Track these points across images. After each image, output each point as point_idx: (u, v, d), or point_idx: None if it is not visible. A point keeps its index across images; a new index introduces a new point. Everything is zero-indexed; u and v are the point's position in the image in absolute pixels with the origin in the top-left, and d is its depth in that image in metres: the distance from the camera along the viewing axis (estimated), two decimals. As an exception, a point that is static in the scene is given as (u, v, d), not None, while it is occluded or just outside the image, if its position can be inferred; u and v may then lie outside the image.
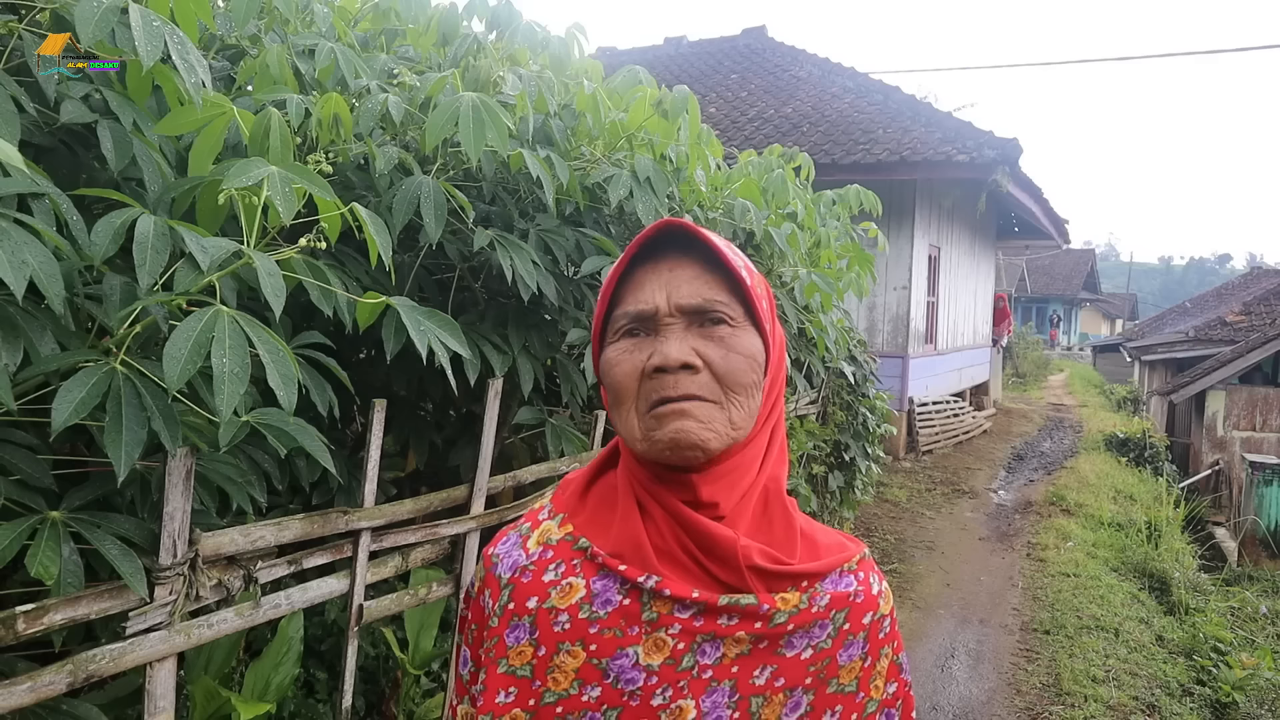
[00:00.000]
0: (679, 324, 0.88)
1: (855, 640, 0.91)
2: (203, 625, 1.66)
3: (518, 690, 0.86)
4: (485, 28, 2.78)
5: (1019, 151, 9.84)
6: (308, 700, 2.70)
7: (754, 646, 0.86)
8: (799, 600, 0.88)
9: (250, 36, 2.41)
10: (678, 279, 0.88)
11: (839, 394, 5.77)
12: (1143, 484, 11.34)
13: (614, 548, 0.89)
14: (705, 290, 0.88)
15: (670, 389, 0.85)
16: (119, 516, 1.53)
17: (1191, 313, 25.10)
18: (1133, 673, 5.06)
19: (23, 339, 1.32)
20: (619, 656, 0.85)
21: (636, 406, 0.88)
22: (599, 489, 0.96)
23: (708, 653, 0.85)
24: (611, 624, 0.86)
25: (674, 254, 0.90)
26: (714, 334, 0.88)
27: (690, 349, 0.86)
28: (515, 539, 0.97)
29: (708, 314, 0.88)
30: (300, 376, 1.45)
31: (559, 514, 0.97)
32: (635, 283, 0.90)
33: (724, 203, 3.30)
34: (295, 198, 1.50)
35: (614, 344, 0.91)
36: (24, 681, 1.36)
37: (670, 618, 0.85)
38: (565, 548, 0.92)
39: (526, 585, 0.91)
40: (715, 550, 0.86)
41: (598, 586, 0.88)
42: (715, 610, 0.85)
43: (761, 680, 0.86)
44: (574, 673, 0.85)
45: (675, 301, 0.87)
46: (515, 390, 2.66)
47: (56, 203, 1.38)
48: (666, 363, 0.85)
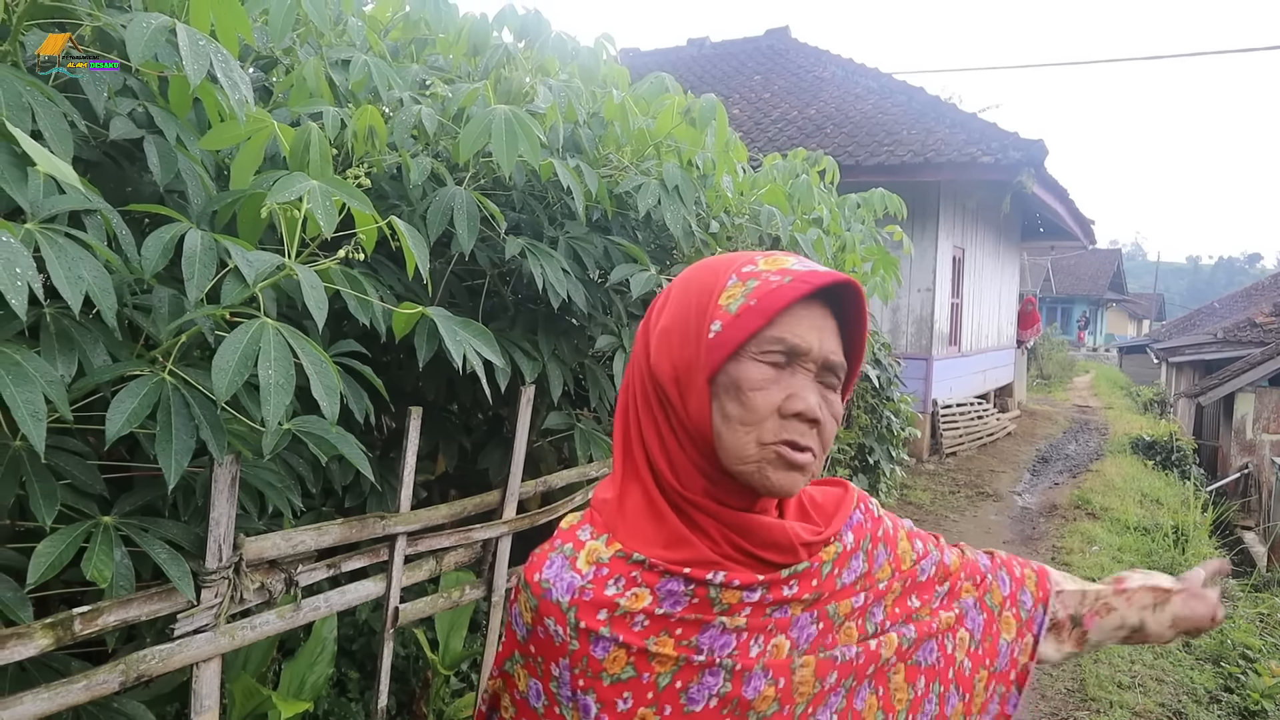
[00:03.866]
0: (813, 374, 0.92)
1: (879, 550, 1.06)
2: (246, 627, 1.70)
3: (631, 693, 0.90)
4: (515, 38, 2.81)
5: (1044, 153, 9.78)
6: (340, 699, 2.76)
7: (815, 600, 0.97)
8: (835, 549, 1.01)
9: (284, 49, 2.47)
10: (827, 330, 0.93)
11: (863, 397, 5.78)
12: (1169, 487, 11.22)
13: (672, 555, 0.92)
14: (839, 352, 0.94)
15: (800, 436, 0.90)
16: (167, 521, 1.58)
17: (1220, 313, 24.81)
18: (1159, 679, 5.03)
19: (77, 350, 1.37)
20: (705, 630, 0.91)
21: (759, 435, 0.90)
22: (632, 505, 0.97)
23: (780, 613, 0.95)
24: (689, 614, 0.91)
25: (822, 302, 0.93)
26: (829, 395, 0.94)
27: (821, 405, 0.92)
28: (561, 561, 0.96)
29: (833, 375, 0.94)
30: (341, 386, 1.49)
31: (602, 534, 0.97)
32: (792, 314, 0.91)
33: (750, 208, 3.32)
34: (335, 211, 1.54)
35: (758, 364, 0.91)
36: (80, 680, 1.41)
37: (740, 604, 0.92)
38: (620, 564, 0.93)
39: (590, 602, 0.91)
40: (775, 543, 0.94)
41: (664, 591, 0.91)
42: (779, 583, 0.94)
43: (830, 610, 0.99)
44: (674, 653, 0.90)
45: (824, 353, 0.92)
46: (544, 395, 2.70)
47: (107, 218, 1.43)
48: (809, 412, 0.90)
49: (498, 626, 2.52)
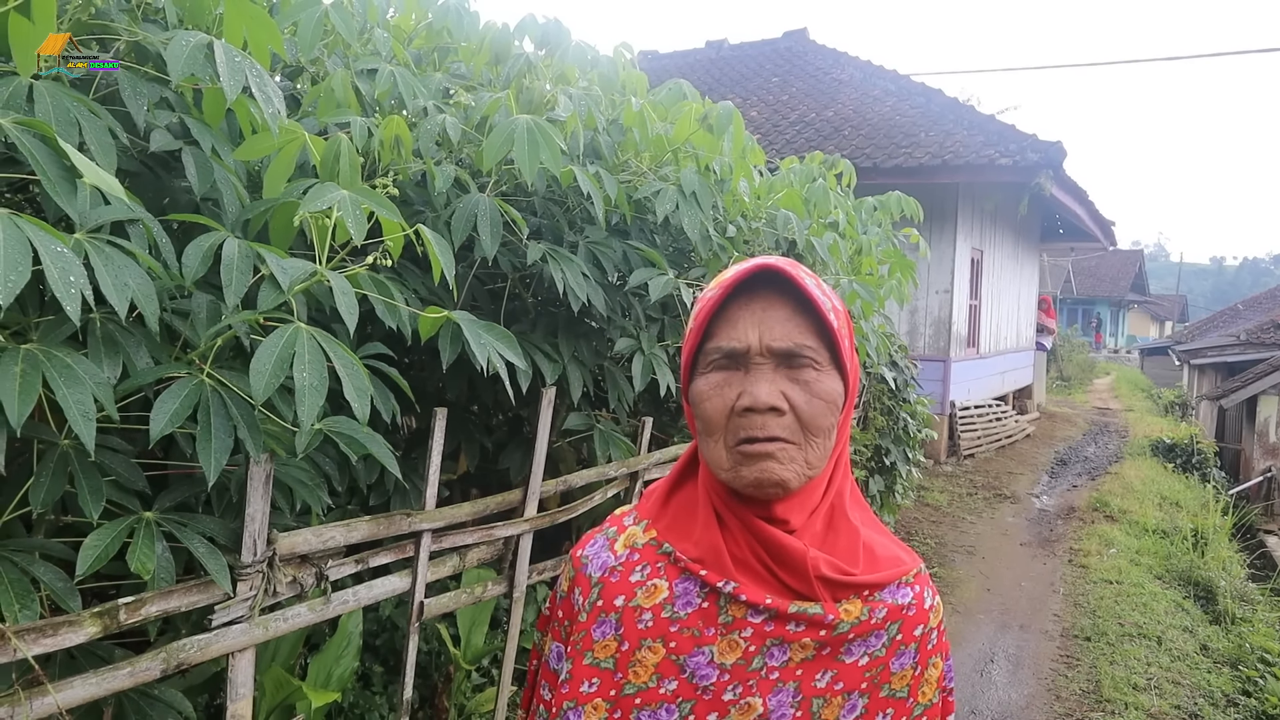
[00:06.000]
0: (768, 364, 0.92)
1: (907, 650, 0.98)
2: (279, 619, 1.77)
3: (600, 681, 0.95)
4: (535, 46, 2.87)
5: (1062, 155, 9.76)
6: (365, 692, 2.82)
7: (818, 652, 0.93)
8: (860, 611, 0.95)
9: (311, 60, 2.54)
10: (770, 319, 0.92)
11: (880, 399, 5.81)
12: (1189, 490, 11.16)
13: (695, 553, 0.96)
14: (795, 334, 0.92)
15: (757, 429, 0.90)
16: (204, 517, 1.65)
17: (1244, 315, 24.54)
18: (1175, 681, 5.03)
19: (122, 354, 1.44)
20: (696, 654, 0.93)
21: (724, 440, 0.93)
22: (680, 498, 1.03)
23: (775, 655, 0.93)
24: (690, 624, 0.94)
25: (768, 292, 0.93)
26: (800, 377, 0.92)
27: (778, 392, 0.91)
28: (603, 541, 1.05)
29: (796, 357, 0.92)
30: (371, 388, 1.55)
31: (643, 520, 1.04)
32: (729, 318, 0.93)
33: (767, 213, 3.36)
34: (365, 219, 1.61)
35: (705, 376, 0.95)
36: (125, 667, 1.48)
37: (744, 621, 0.93)
38: (650, 551, 1.00)
39: (615, 584, 0.99)
40: (788, 561, 0.93)
41: (679, 589, 0.96)
42: (785, 617, 0.93)
43: (823, 684, 0.93)
44: (653, 667, 0.93)
45: (767, 343, 0.91)
46: (564, 396, 2.75)
47: (149, 227, 1.50)
48: (756, 405, 0.90)
49: (519, 622, 2.58)
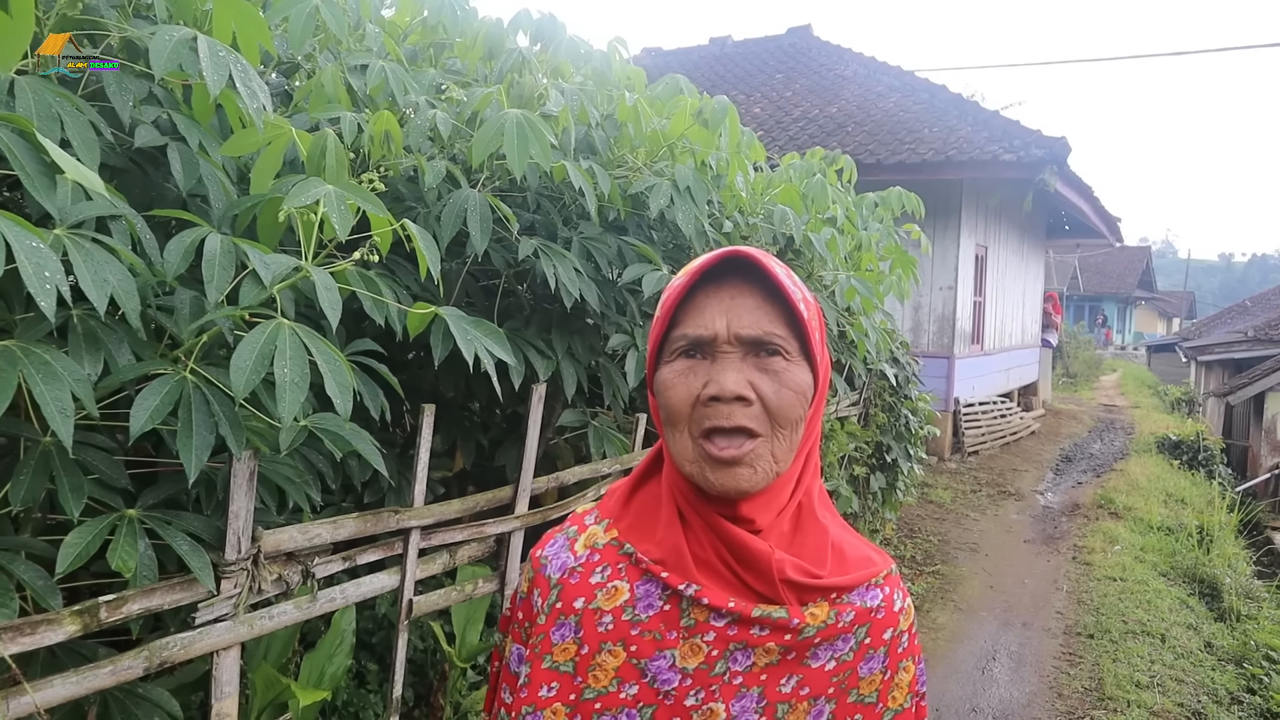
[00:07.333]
0: (736, 353, 0.89)
1: (875, 654, 0.95)
2: (264, 617, 1.77)
3: (560, 685, 0.92)
4: (530, 41, 2.86)
5: (1067, 150, 9.71)
6: (360, 690, 2.82)
7: (782, 657, 0.91)
8: (827, 615, 0.92)
9: (305, 55, 2.52)
10: (739, 307, 0.89)
11: (881, 395, 5.78)
12: (1195, 487, 11.12)
13: (657, 554, 0.93)
14: (764, 322, 0.89)
15: (723, 419, 0.87)
16: (188, 514, 1.64)
17: (1252, 312, 24.44)
18: (1179, 679, 5.00)
19: (103, 350, 1.43)
20: (657, 658, 0.90)
21: (689, 430, 0.90)
22: (642, 496, 1.01)
23: (739, 660, 0.90)
24: (652, 627, 0.91)
25: (736, 280, 0.91)
26: (769, 366, 0.89)
27: (745, 381, 0.88)
28: (563, 541, 1.02)
29: (765, 346, 0.89)
30: (355, 384, 1.54)
31: (604, 519, 1.01)
32: (695, 306, 0.91)
33: (764, 208, 3.35)
34: (350, 214, 1.59)
35: (670, 364, 0.92)
36: (106, 666, 1.48)
37: (707, 625, 0.90)
38: (611, 552, 0.98)
39: (574, 586, 0.96)
40: (751, 562, 0.90)
41: (641, 591, 0.93)
42: (749, 621, 0.90)
43: (788, 689, 0.91)
44: (614, 671, 0.91)
45: (735, 331, 0.89)
46: (559, 393, 2.74)
47: (132, 223, 1.49)
48: (722, 393, 0.87)
49: (512, 620, 2.57)
